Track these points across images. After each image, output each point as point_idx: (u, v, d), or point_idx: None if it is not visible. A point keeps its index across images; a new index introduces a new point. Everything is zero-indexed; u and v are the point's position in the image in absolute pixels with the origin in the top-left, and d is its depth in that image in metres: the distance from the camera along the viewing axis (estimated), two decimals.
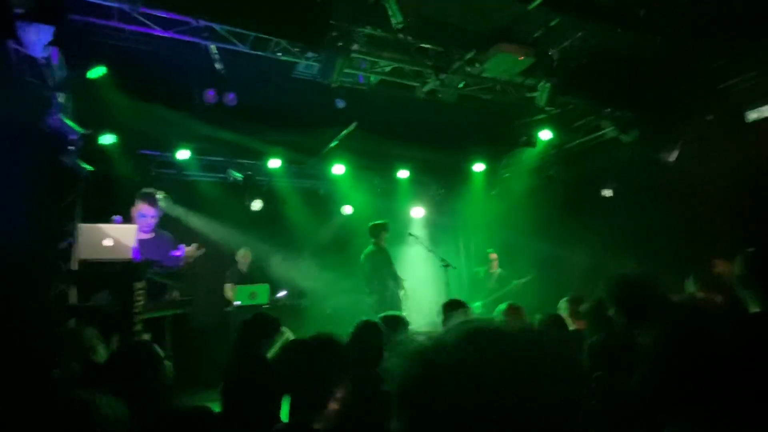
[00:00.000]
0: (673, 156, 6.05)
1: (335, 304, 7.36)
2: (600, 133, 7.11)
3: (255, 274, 7.08)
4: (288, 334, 6.56)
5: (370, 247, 6.58)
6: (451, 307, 3.86)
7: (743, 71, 5.45)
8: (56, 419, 1.32)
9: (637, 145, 6.45)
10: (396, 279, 6.56)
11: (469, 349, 0.60)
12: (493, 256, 7.86)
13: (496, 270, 7.79)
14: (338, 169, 7.82)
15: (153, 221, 4.73)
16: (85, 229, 3.90)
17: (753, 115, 5.38)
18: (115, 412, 1.39)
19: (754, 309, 2.00)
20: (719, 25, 5.04)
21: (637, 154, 6.51)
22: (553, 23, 5.16)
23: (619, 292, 2.37)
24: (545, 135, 7.23)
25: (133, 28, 4.41)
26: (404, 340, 0.68)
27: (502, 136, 7.58)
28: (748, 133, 5.40)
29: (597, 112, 6.87)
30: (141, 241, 4.29)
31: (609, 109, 6.69)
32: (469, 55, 5.41)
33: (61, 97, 4.63)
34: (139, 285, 3.83)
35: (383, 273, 6.42)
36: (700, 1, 4.80)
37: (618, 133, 6.65)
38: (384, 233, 6.61)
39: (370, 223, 6.77)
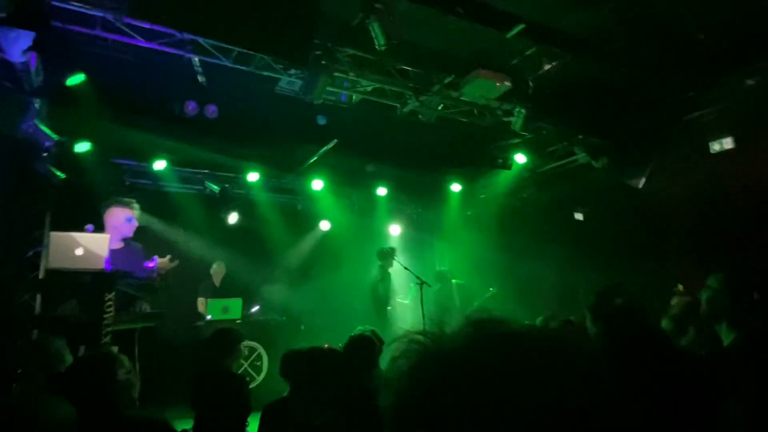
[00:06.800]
0: (641, 182, 6.30)
1: (309, 320, 7.30)
2: (572, 158, 7.34)
3: (228, 289, 6.99)
4: (260, 351, 6.49)
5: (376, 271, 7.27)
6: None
7: (708, 105, 5.76)
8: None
9: (608, 170, 6.70)
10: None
11: (488, 352, 0.51)
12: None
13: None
14: (317, 184, 7.84)
15: (130, 227, 4.64)
16: (56, 237, 3.81)
17: (716, 146, 5.66)
18: (60, 413, 1.38)
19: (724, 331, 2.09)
20: (687, 61, 5.33)
21: (607, 180, 6.76)
22: (528, 52, 5.37)
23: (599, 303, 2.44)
24: (520, 158, 7.44)
25: (115, 37, 4.38)
26: (401, 344, 0.57)
27: (478, 158, 7.75)
28: (711, 163, 5.67)
29: (569, 138, 7.10)
30: (112, 251, 4.20)
31: (581, 136, 6.94)
32: (448, 79, 5.56)
33: (37, 103, 4.56)
34: (109, 296, 3.76)
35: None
36: (669, 37, 5.07)
37: (589, 158, 6.89)
38: (391, 258, 7.24)
39: (379, 248, 7.44)
